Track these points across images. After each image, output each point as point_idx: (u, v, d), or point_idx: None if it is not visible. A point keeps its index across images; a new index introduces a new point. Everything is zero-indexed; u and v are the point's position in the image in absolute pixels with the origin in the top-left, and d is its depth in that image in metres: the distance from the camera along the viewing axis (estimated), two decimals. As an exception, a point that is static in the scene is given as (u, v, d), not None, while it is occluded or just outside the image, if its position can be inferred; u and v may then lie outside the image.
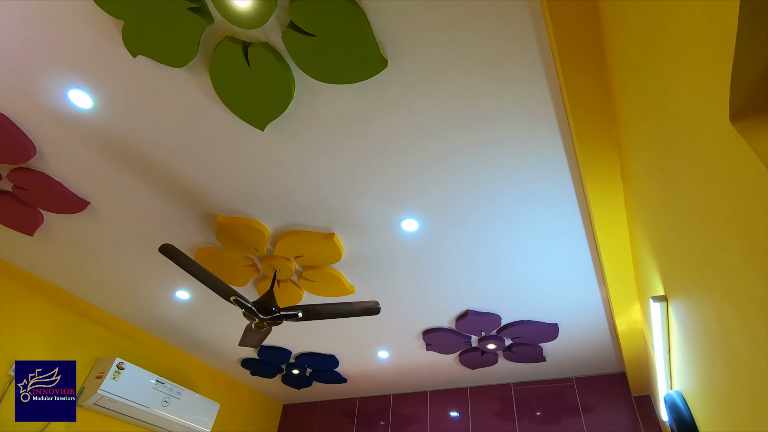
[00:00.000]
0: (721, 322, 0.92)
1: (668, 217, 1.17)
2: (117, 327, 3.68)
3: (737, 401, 0.94)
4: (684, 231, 1.03)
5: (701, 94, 0.72)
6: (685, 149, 0.87)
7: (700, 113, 0.75)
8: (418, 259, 2.67)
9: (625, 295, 2.43)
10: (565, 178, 2.07)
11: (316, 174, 2.17)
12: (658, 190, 1.19)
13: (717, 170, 0.73)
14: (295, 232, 2.53)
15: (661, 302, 1.52)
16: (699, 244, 0.94)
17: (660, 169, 1.13)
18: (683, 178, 0.93)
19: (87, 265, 3.03)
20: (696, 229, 0.93)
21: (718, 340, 0.98)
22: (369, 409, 4.76)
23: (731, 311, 0.83)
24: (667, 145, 1.01)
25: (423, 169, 2.09)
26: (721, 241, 0.79)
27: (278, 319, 2.53)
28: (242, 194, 2.33)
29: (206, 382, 4.36)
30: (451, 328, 3.36)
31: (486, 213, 2.31)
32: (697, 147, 0.80)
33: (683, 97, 0.81)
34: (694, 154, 0.82)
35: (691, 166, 0.87)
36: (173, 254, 2.28)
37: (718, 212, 0.78)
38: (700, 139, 0.78)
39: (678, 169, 0.96)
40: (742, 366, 0.87)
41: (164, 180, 2.31)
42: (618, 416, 3.61)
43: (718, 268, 0.85)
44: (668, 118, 0.92)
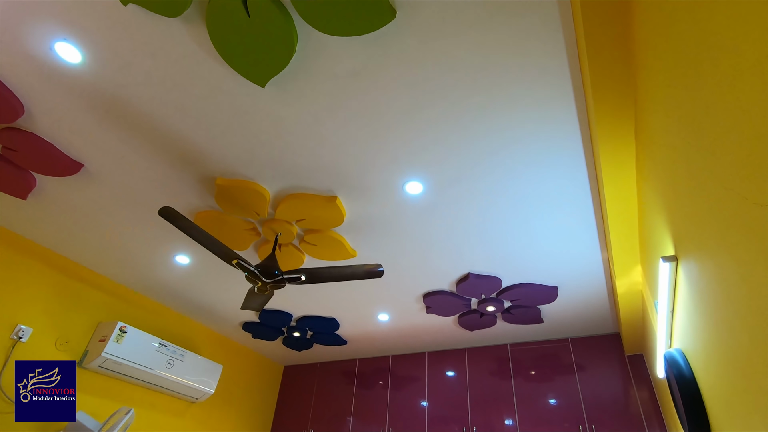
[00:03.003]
0: (746, 282, 0.90)
1: (689, 173, 1.14)
2: (117, 292, 3.68)
3: (757, 364, 0.94)
4: (709, 186, 1.00)
5: (752, 31, 0.67)
6: (723, 97, 0.83)
7: (746, 53, 0.70)
8: (421, 223, 2.65)
9: (627, 257, 2.43)
10: (575, 141, 2.02)
11: (318, 134, 2.10)
12: (681, 144, 1.15)
13: (762, 117, 0.69)
14: (296, 195, 2.48)
15: (671, 262, 1.51)
16: (727, 199, 0.91)
17: (685, 121, 1.09)
18: (716, 130, 0.89)
19: (84, 229, 2.98)
20: (725, 183, 0.90)
21: (739, 302, 0.98)
22: (368, 369, 4.88)
23: (762, 271, 0.81)
24: (698, 94, 0.96)
25: (430, 129, 2.03)
26: (757, 194, 0.76)
27: (281, 283, 2.52)
28: (242, 156, 2.26)
29: (208, 345, 4.42)
30: (451, 291, 3.39)
31: (492, 176, 2.27)
32: (740, 92, 0.75)
33: (727, 38, 0.76)
34: (735, 101, 0.78)
35: (727, 116, 0.82)
36: (173, 217, 2.23)
37: (755, 163, 0.74)
38: (744, 83, 0.73)
39: (710, 121, 0.91)
40: (766, 330, 0.86)
41: (160, 140, 2.23)
42: (611, 374, 3.73)
43: (748, 224, 0.83)
44: (707, 64, 0.87)
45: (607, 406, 3.58)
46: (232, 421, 4.49)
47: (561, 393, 3.80)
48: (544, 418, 3.75)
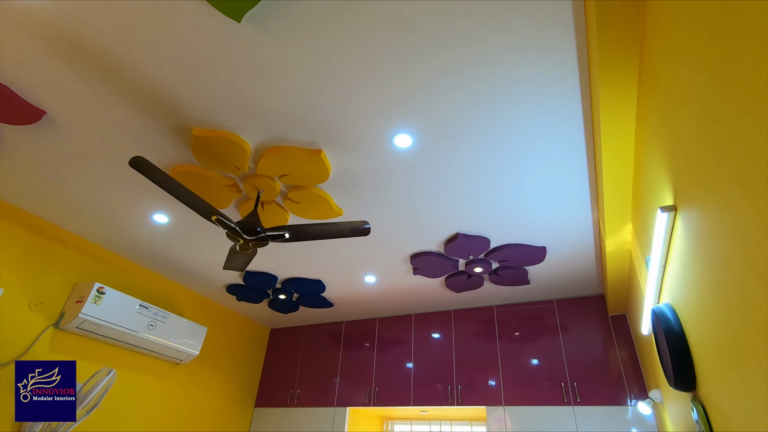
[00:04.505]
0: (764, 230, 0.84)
1: (703, 112, 1.06)
2: (93, 252, 3.54)
3: (765, 312, 0.89)
4: (727, 119, 0.92)
5: None
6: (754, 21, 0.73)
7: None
8: (409, 179, 2.55)
9: (619, 215, 2.39)
10: (574, 91, 1.91)
11: (300, 77, 1.95)
12: (694, 79, 1.06)
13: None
14: (278, 148, 2.35)
15: (669, 212, 1.46)
16: (748, 127, 0.83)
17: (703, 53, 0.99)
18: (740, 56, 0.80)
19: (53, 186, 2.81)
20: (748, 110, 0.82)
21: (752, 250, 0.91)
22: (355, 332, 4.89)
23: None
24: (719, 23, 0.86)
25: (421, 77, 1.90)
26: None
27: (264, 240, 2.43)
28: (219, 102, 2.11)
29: (192, 307, 4.36)
30: (439, 251, 3.34)
31: (485, 129, 2.16)
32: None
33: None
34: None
35: (755, 43, 0.73)
36: (146, 168, 2.09)
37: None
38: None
39: (734, 50, 0.82)
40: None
41: (129, 84, 2.05)
42: (594, 335, 3.79)
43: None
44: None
45: (589, 365, 3.66)
46: (219, 382, 4.49)
47: (544, 353, 3.86)
48: (527, 377, 3.83)
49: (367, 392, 4.41)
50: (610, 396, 3.47)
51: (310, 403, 4.63)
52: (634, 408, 3.34)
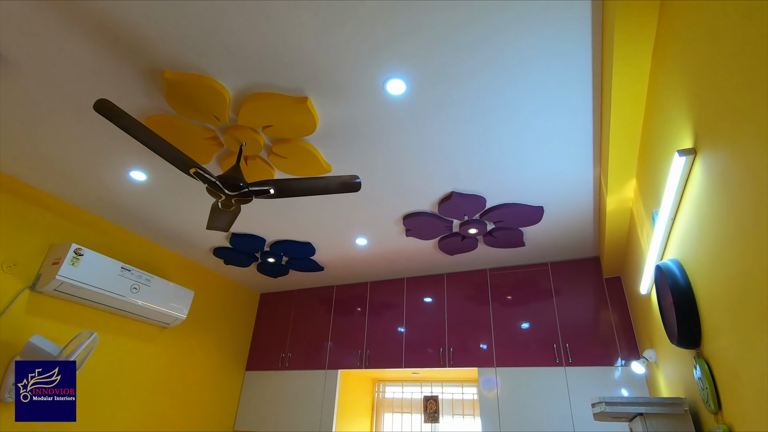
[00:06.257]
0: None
1: (741, 33, 0.91)
2: (70, 213, 3.36)
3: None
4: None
5: None
6: None
7: None
8: (402, 132, 2.39)
9: (624, 170, 2.27)
10: (584, 29, 1.73)
11: (283, 13, 1.75)
12: (731, 4, 0.91)
13: None
14: (261, 95, 2.15)
15: (687, 156, 1.33)
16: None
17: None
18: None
19: (20, 140, 2.60)
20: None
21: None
22: (346, 296, 4.83)
23: None
24: None
25: (418, 12, 1.70)
26: None
27: (247, 196, 2.28)
28: (193, 41, 1.90)
29: (178, 270, 4.23)
30: (433, 212, 3.22)
31: (483, 76, 1.99)
32: None
33: None
34: None
35: None
36: (114, 114, 1.89)
37: None
38: None
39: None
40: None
41: (90, 19, 1.83)
42: (588, 297, 3.75)
43: None
44: None
45: (582, 327, 3.64)
46: (208, 346, 4.43)
47: (538, 316, 3.83)
48: (520, 339, 3.81)
49: (358, 355, 4.39)
50: (601, 357, 3.46)
51: (301, 366, 4.61)
52: (624, 368, 3.34)
